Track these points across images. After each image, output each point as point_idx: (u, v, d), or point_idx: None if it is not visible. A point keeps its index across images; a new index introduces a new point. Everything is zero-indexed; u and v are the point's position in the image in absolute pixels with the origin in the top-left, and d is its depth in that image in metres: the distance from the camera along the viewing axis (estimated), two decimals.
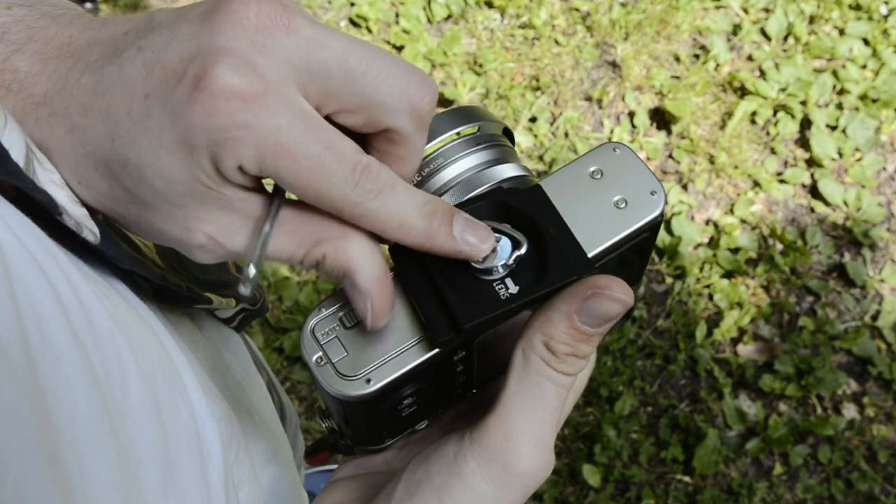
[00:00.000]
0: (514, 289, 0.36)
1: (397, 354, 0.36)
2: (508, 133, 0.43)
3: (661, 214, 0.38)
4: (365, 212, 0.34)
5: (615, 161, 0.39)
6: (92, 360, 0.32)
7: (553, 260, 0.37)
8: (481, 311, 0.36)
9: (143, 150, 0.31)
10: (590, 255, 0.37)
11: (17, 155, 0.32)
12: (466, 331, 0.36)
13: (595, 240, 0.37)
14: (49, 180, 0.33)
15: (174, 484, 0.36)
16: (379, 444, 0.42)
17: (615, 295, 0.35)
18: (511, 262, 0.37)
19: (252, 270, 0.33)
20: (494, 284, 0.36)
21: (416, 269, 0.37)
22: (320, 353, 0.36)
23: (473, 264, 0.36)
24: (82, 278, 0.34)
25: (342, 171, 0.32)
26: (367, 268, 0.35)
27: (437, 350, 0.36)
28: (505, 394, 0.37)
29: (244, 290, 0.33)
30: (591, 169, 0.39)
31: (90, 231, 0.35)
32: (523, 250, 0.37)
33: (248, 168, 0.32)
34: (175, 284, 0.41)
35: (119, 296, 0.38)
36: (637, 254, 0.41)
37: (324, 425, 0.42)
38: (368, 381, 0.36)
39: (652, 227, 0.39)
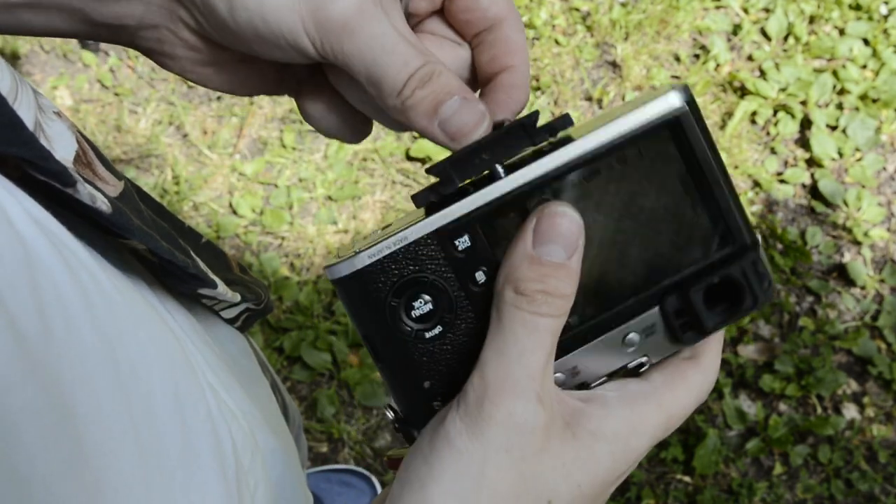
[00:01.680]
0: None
1: (390, 234, 0.37)
2: None
3: (685, 106, 0.36)
4: None
5: (648, 91, 0.39)
6: (116, 354, 0.32)
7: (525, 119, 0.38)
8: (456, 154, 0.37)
9: None
10: (591, 132, 0.37)
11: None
12: (441, 170, 0.36)
13: (598, 126, 0.37)
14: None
15: (196, 479, 0.35)
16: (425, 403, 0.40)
17: (558, 209, 0.35)
18: None
19: None
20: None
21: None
22: (333, 255, 0.38)
23: None
24: (101, 270, 0.34)
25: None
26: (471, 92, 0.38)
27: (427, 221, 0.37)
28: (483, 348, 0.36)
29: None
30: (624, 102, 0.40)
31: (102, 202, 0.35)
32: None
33: None
34: (182, 260, 0.41)
35: (134, 289, 0.38)
36: (681, 175, 0.38)
37: (388, 414, 0.41)
38: (356, 250, 0.37)
39: (674, 121, 0.36)
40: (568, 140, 0.37)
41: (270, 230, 1.76)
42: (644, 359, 0.40)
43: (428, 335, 0.38)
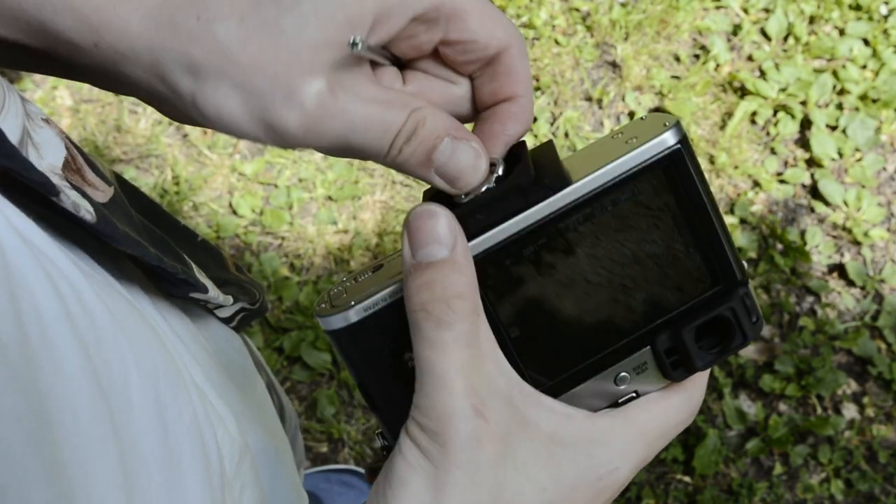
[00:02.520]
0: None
1: (384, 286, 0.36)
2: None
3: (678, 145, 0.36)
4: None
5: (640, 122, 0.38)
6: (94, 361, 0.32)
7: (518, 169, 0.37)
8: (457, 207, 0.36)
9: None
10: (585, 177, 0.36)
11: (12, 139, 0.32)
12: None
13: (595, 164, 0.36)
14: (39, 166, 0.33)
15: (177, 485, 0.35)
16: None
17: (421, 210, 0.35)
18: (492, 183, 0.37)
19: (358, 39, 0.34)
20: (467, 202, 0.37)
21: None
22: (325, 302, 0.37)
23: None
24: (83, 277, 0.34)
25: None
26: (461, 126, 0.37)
27: None
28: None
29: (356, 40, 0.34)
30: (616, 135, 0.38)
31: (87, 211, 0.35)
32: (500, 170, 0.37)
33: (423, 13, 0.34)
34: (171, 266, 0.41)
35: (119, 294, 0.38)
36: (674, 214, 0.37)
37: (377, 445, 0.41)
38: (352, 303, 0.36)
39: (668, 160, 0.36)
40: (564, 183, 0.36)
41: (270, 230, 1.76)
42: (633, 394, 0.40)
43: None
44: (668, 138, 0.36)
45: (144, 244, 0.39)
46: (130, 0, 0.32)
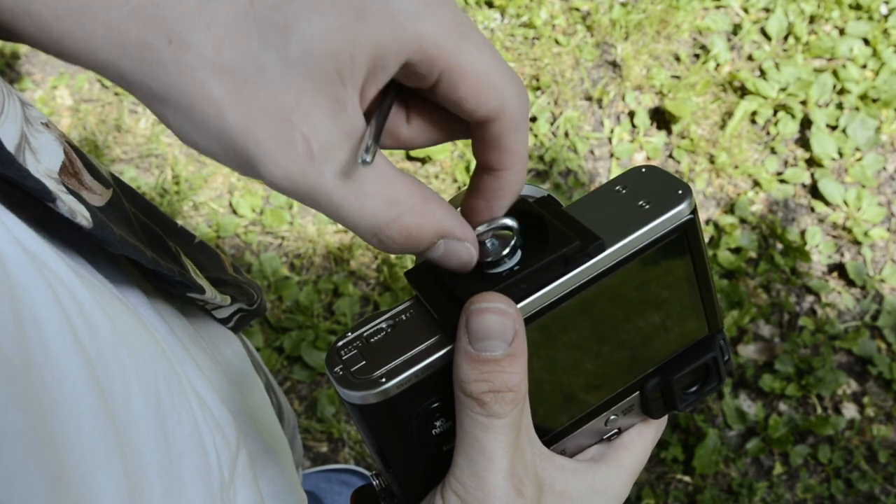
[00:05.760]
0: (516, 268, 0.36)
1: (411, 355, 0.36)
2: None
3: (692, 214, 0.38)
4: None
5: (640, 177, 0.39)
6: (96, 373, 0.31)
7: (553, 236, 0.37)
8: (483, 288, 0.36)
9: (297, 12, 0.29)
10: (612, 249, 0.37)
11: (9, 145, 0.32)
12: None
13: (618, 235, 0.37)
14: (36, 171, 0.33)
15: (179, 494, 0.35)
16: None
17: (491, 306, 0.34)
18: (507, 251, 0.37)
19: (368, 157, 0.30)
20: (502, 273, 0.37)
21: (428, 272, 0.38)
22: (340, 366, 0.37)
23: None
24: (83, 286, 0.33)
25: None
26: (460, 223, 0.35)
27: (450, 347, 0.36)
28: (455, 450, 0.36)
29: (366, 157, 0.30)
30: (617, 187, 0.39)
31: (83, 216, 0.35)
32: (514, 240, 0.37)
33: (416, 63, 0.31)
34: (167, 268, 0.41)
35: (118, 300, 0.38)
36: (685, 274, 0.39)
37: (374, 483, 0.41)
38: (382, 379, 0.35)
39: (684, 228, 0.38)
40: (595, 251, 0.37)
41: (270, 230, 1.76)
42: (617, 430, 0.43)
43: (446, 448, 0.38)
44: (686, 207, 0.38)
45: (141, 248, 0.39)
46: (94, 6, 0.28)
